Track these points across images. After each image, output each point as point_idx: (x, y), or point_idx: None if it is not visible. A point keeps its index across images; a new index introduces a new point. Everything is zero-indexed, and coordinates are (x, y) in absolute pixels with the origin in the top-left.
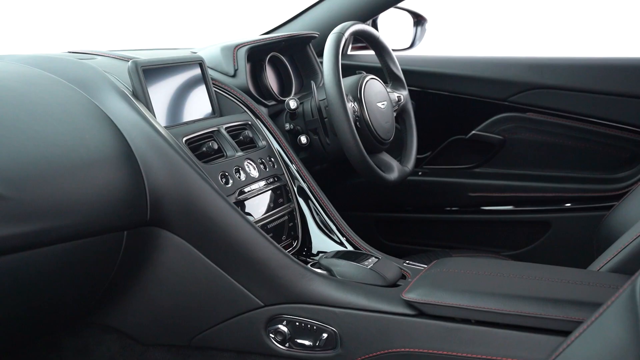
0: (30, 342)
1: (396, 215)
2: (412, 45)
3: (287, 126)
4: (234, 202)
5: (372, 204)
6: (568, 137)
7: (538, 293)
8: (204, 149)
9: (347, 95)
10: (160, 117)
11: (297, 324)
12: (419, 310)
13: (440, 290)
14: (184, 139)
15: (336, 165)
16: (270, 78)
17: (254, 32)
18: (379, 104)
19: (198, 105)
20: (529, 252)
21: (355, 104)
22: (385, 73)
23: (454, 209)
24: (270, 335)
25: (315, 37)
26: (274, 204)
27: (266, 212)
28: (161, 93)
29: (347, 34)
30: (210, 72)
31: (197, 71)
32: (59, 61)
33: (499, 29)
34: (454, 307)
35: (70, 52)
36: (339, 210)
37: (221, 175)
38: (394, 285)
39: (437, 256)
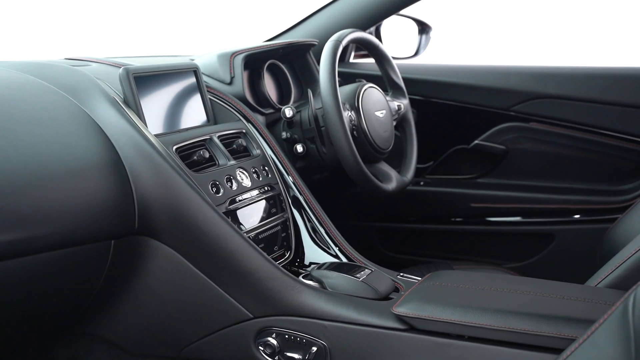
0: (19, 350)
1: (398, 225)
2: (416, 54)
3: (284, 135)
4: (225, 212)
5: (373, 213)
6: (572, 147)
7: (531, 309)
8: (195, 157)
9: (344, 104)
10: (153, 125)
11: (287, 336)
12: (409, 325)
13: (432, 305)
14: (174, 147)
15: (336, 174)
16: (269, 86)
17: (260, 39)
18: (378, 113)
19: (192, 113)
20: (532, 265)
21: (353, 112)
22: (385, 81)
23: (456, 219)
24: (260, 347)
25: (314, 44)
26: (266, 213)
27: (258, 222)
28: (154, 100)
29: (344, 42)
30: (206, 79)
31: (191, 79)
32: (50, 68)
33: (502, 37)
34: (444, 322)
35: (66, 58)
36: (340, 219)
37: (212, 184)
38: (386, 298)
39: (437, 267)
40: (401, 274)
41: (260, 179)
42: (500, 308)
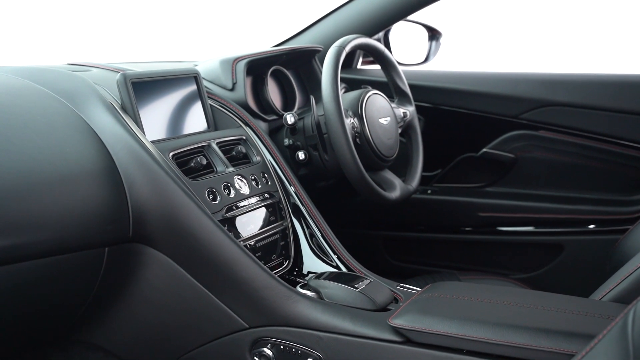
0: (16, 357)
1: (404, 234)
2: (426, 60)
3: (286, 141)
4: (221, 220)
5: (380, 222)
6: (582, 156)
7: (532, 323)
8: (192, 164)
9: (347, 111)
10: (150, 131)
11: (282, 347)
12: (405, 337)
13: (429, 317)
14: (171, 153)
15: (342, 181)
16: (274, 92)
17: (269, 44)
18: (382, 120)
19: (192, 119)
20: (541, 276)
21: (356, 119)
22: (391, 88)
23: (463, 229)
24: (255, 358)
25: (319, 50)
26: (265, 221)
27: (256, 230)
28: (153, 106)
29: (347, 48)
30: (208, 85)
31: (192, 84)
32: (49, 73)
33: (511, 44)
34: (441, 335)
35: (69, 64)
36: (346, 227)
37: (208, 191)
38: (384, 309)
39: (443, 277)
40: (401, 284)
41: (260, 186)
42: (500, 321)
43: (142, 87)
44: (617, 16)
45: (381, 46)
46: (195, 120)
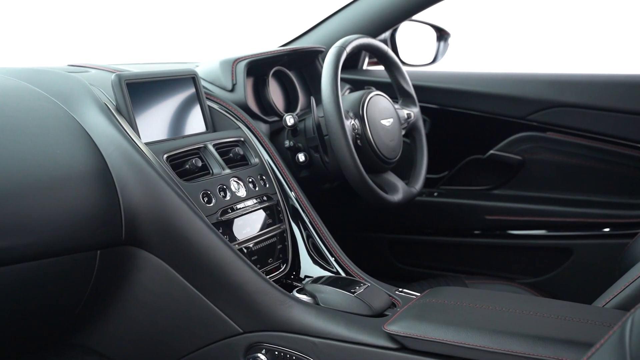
0: None
1: (410, 237)
2: (434, 60)
3: (287, 143)
4: (216, 222)
5: (385, 224)
6: (591, 158)
7: (530, 330)
8: (187, 166)
9: (347, 112)
10: (147, 133)
11: (277, 353)
12: (400, 344)
13: (425, 323)
14: (165, 155)
15: (346, 183)
16: (277, 93)
17: (276, 44)
18: (384, 121)
19: (190, 121)
20: (549, 280)
21: (357, 121)
22: (395, 89)
23: (470, 232)
24: None
25: (321, 51)
26: (262, 224)
27: (252, 234)
28: (150, 108)
29: (348, 48)
30: (208, 86)
31: (190, 85)
32: (45, 74)
33: (518, 44)
34: (437, 342)
35: (69, 65)
36: (352, 230)
37: (203, 194)
38: (381, 315)
39: (449, 282)
40: (400, 289)
41: (257, 188)
42: (498, 329)
43: (139, 89)
44: (626, 15)
45: (384, 46)
46: (194, 122)
